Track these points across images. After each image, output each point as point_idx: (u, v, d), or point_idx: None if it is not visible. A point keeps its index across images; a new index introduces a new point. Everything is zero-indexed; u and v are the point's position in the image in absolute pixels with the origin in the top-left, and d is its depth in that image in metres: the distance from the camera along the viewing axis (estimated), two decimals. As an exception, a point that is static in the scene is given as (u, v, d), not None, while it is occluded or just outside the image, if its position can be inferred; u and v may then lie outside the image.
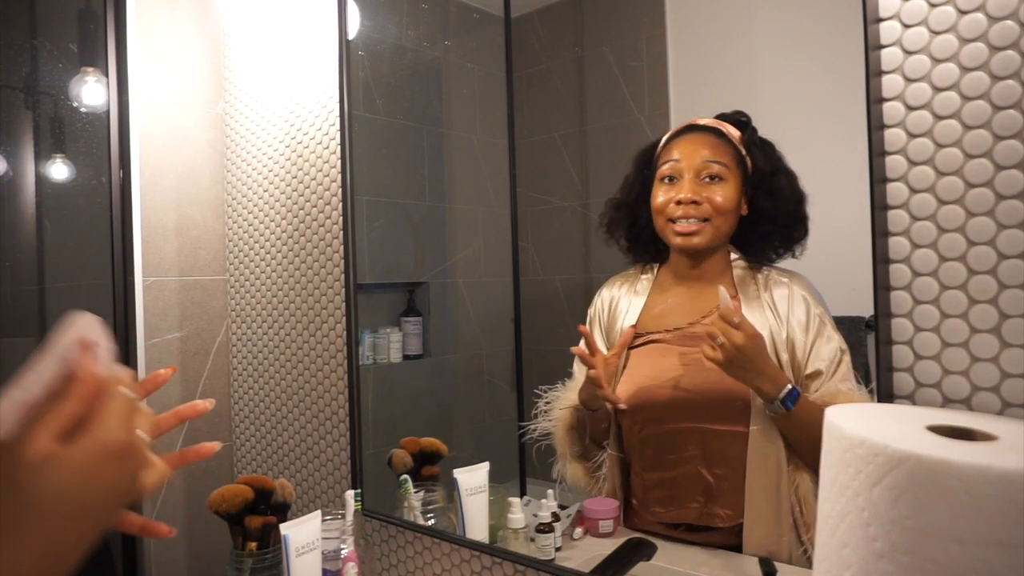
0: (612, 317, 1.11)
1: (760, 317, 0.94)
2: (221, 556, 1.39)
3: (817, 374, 0.91)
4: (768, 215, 0.97)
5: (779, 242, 0.97)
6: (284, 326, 1.69)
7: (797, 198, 0.94)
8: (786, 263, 0.97)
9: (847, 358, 0.90)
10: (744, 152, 0.99)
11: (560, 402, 1.13)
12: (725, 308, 0.89)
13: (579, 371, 1.12)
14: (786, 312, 0.94)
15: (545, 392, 1.15)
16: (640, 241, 1.08)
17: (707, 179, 0.99)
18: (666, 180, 1.02)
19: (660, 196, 1.02)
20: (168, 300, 1.74)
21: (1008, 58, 0.73)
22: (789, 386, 0.89)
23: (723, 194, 0.98)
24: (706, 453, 0.99)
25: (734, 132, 1.00)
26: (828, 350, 0.91)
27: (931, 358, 0.78)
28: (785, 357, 0.92)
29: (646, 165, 1.08)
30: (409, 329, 1.54)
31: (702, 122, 1.03)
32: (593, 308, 1.14)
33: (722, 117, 1.02)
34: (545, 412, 1.13)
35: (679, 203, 0.99)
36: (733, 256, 1.01)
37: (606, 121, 1.23)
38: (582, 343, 1.09)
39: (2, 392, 0.43)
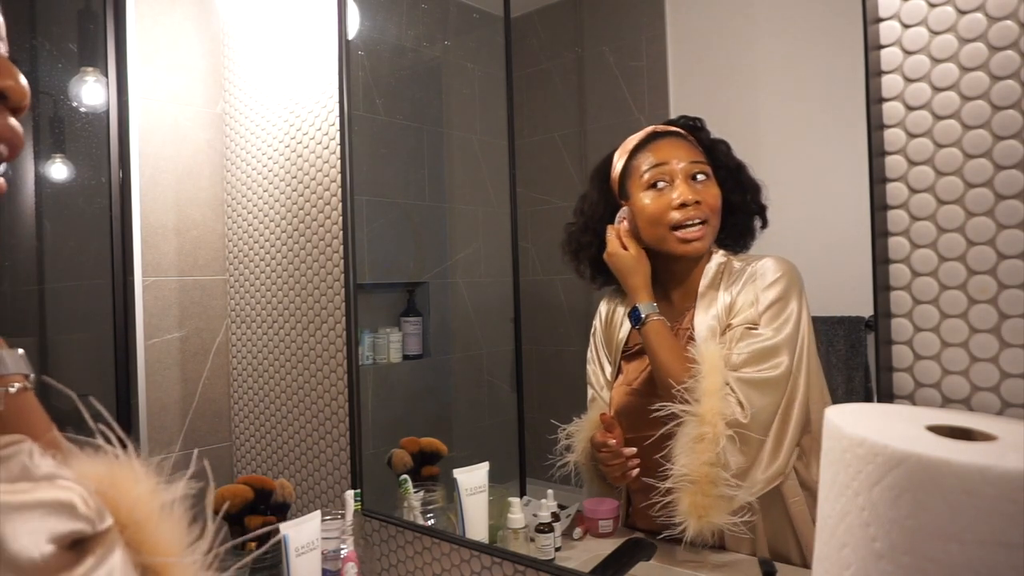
0: (610, 330, 1.12)
1: (713, 309, 0.98)
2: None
3: (728, 327, 0.95)
4: (740, 208, 1.00)
5: (747, 231, 1.00)
6: (284, 326, 1.69)
7: (757, 189, 0.98)
8: (777, 249, 0.98)
9: (744, 329, 0.93)
10: (706, 151, 1.01)
11: (580, 434, 1.12)
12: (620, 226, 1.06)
13: (592, 409, 1.13)
14: (739, 290, 0.97)
15: (563, 428, 1.13)
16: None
17: (696, 179, 1.00)
18: (655, 187, 1.01)
19: (650, 203, 1.02)
20: (168, 300, 1.74)
21: (1008, 58, 0.73)
22: (634, 305, 1.02)
23: (714, 193, 1.00)
24: None
25: (691, 136, 1.03)
26: (745, 314, 0.95)
27: (931, 358, 0.79)
28: (723, 323, 0.97)
29: (606, 180, 1.08)
30: (409, 329, 1.54)
31: (661, 129, 1.04)
32: (594, 324, 1.15)
33: (672, 123, 1.04)
34: (567, 447, 1.13)
35: (682, 206, 0.99)
36: (711, 251, 1.02)
37: (606, 121, 1.23)
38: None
39: None
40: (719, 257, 1.01)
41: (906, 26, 0.79)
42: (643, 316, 1.01)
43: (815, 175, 0.96)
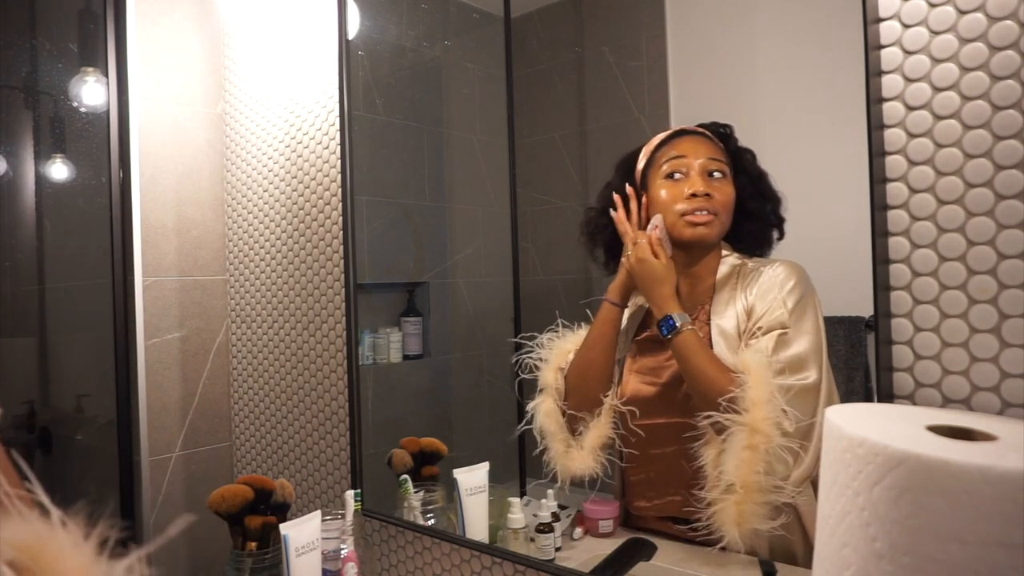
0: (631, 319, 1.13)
1: (731, 310, 0.99)
2: (221, 556, 1.39)
3: (754, 332, 0.95)
4: (756, 215, 1.00)
5: (764, 241, 1.00)
6: (284, 326, 1.69)
7: (777, 200, 0.98)
8: (777, 249, 0.99)
9: (778, 336, 0.92)
10: (732, 157, 1.02)
11: (554, 353, 1.15)
12: (651, 233, 1.03)
13: (564, 339, 1.15)
14: (754, 295, 0.97)
15: (535, 342, 1.16)
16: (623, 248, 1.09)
17: (711, 175, 1.01)
18: (671, 177, 1.03)
19: (665, 192, 1.03)
20: (168, 300, 1.74)
21: (1008, 58, 0.73)
22: (668, 315, 0.99)
23: (727, 191, 1.01)
24: (687, 447, 1.00)
25: (718, 141, 1.03)
26: (772, 318, 0.94)
27: (931, 358, 0.79)
28: (743, 326, 0.97)
29: (631, 172, 1.09)
30: (409, 329, 1.54)
31: (689, 128, 1.05)
32: None
33: (703, 127, 1.05)
34: (536, 364, 1.16)
35: (693, 196, 1.00)
36: (724, 253, 1.03)
37: (606, 121, 1.23)
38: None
39: None
40: (733, 259, 1.02)
41: (906, 26, 0.79)
42: (678, 325, 0.99)
43: (815, 175, 0.96)
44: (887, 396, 0.81)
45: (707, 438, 0.95)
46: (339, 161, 1.50)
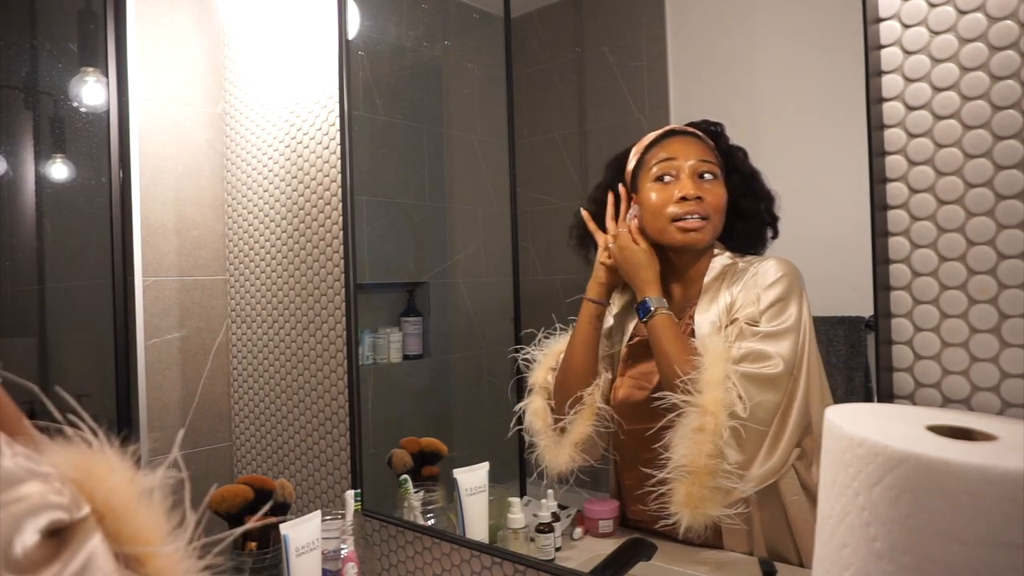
0: (622, 317, 1.13)
1: (715, 306, 0.99)
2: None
3: (733, 322, 0.96)
4: (749, 214, 1.00)
5: (758, 240, 1.00)
6: (284, 326, 1.69)
7: (770, 198, 0.98)
8: (777, 249, 0.99)
9: (744, 326, 0.93)
10: (723, 156, 1.02)
11: (544, 356, 1.16)
12: (631, 223, 1.07)
13: (558, 340, 1.17)
14: (738, 290, 0.97)
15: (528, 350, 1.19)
16: None
17: (702, 177, 1.00)
18: (661, 180, 1.02)
19: (655, 196, 1.03)
20: (168, 300, 1.74)
21: (1008, 58, 0.73)
22: (645, 298, 1.02)
23: (718, 192, 1.00)
24: None
25: (708, 140, 1.03)
26: (746, 312, 0.95)
27: (931, 358, 0.79)
28: (723, 321, 0.98)
29: (621, 172, 1.09)
30: (409, 329, 1.54)
31: (679, 128, 1.05)
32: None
33: (693, 126, 1.04)
34: (528, 368, 1.18)
35: (683, 199, 1.00)
36: (716, 252, 1.03)
37: (606, 121, 1.23)
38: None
39: None
40: (724, 258, 1.02)
41: (906, 26, 0.79)
42: (652, 309, 1.01)
43: (815, 175, 0.96)
44: (887, 396, 0.81)
45: (674, 424, 0.95)
46: (339, 161, 1.50)
